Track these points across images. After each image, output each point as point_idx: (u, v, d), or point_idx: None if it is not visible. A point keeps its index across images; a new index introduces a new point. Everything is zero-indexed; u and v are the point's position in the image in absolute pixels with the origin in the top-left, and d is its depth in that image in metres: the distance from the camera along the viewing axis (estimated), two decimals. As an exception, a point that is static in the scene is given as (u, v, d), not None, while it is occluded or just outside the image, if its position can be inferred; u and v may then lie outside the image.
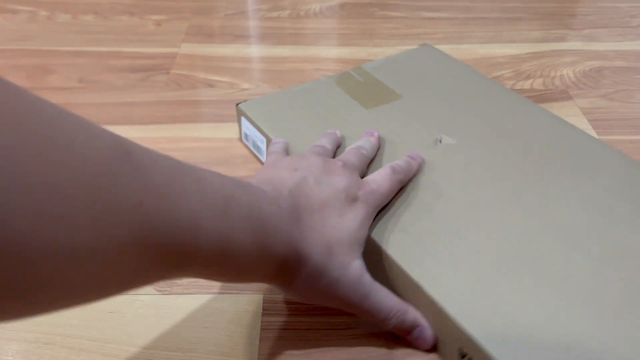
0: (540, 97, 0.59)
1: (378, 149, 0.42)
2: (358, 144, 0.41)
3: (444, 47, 0.67)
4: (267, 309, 0.37)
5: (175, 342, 0.35)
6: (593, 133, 0.53)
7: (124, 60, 0.64)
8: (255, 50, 0.67)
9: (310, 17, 0.75)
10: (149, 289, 0.38)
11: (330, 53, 0.67)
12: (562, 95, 0.59)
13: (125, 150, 0.21)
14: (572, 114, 0.56)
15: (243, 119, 0.49)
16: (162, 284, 0.38)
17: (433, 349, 0.34)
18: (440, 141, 0.42)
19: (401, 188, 0.39)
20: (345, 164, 0.37)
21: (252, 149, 0.49)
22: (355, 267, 0.32)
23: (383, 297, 0.33)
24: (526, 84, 0.61)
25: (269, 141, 0.45)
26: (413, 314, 0.33)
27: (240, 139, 0.51)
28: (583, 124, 0.54)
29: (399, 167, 0.38)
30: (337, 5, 0.78)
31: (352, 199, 0.34)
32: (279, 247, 0.29)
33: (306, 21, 0.74)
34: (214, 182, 0.26)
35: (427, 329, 0.33)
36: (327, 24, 0.74)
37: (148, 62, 0.64)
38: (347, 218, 0.33)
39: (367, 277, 0.33)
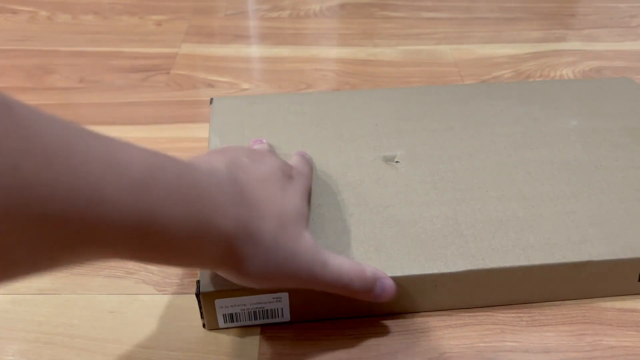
0: (540, 97, 0.59)
1: (352, 186, 0.40)
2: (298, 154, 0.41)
3: (444, 47, 0.68)
4: (267, 309, 0.37)
5: (175, 342, 0.35)
6: (593, 133, 0.53)
7: (124, 61, 0.64)
8: (255, 50, 0.67)
9: (310, 17, 0.75)
10: (149, 288, 0.38)
11: (330, 53, 0.67)
12: (562, 95, 0.59)
13: (5, 103, 0.18)
14: (571, 114, 0.56)
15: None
16: (162, 284, 0.38)
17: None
18: (395, 161, 0.42)
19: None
20: (276, 153, 0.37)
21: None
22: (308, 237, 0.31)
23: (341, 261, 0.31)
24: (526, 84, 0.61)
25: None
26: (370, 268, 0.32)
27: None
28: (583, 124, 0.54)
29: (302, 155, 0.40)
30: (337, 6, 0.79)
31: (288, 177, 0.34)
32: (223, 223, 0.25)
33: (306, 21, 0.74)
34: (129, 151, 0.22)
35: (387, 278, 0.33)
36: (327, 24, 0.74)
37: (148, 62, 0.64)
38: (289, 192, 0.32)
39: (319, 246, 0.31)
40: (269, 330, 0.35)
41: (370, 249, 0.35)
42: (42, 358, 0.34)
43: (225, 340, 0.35)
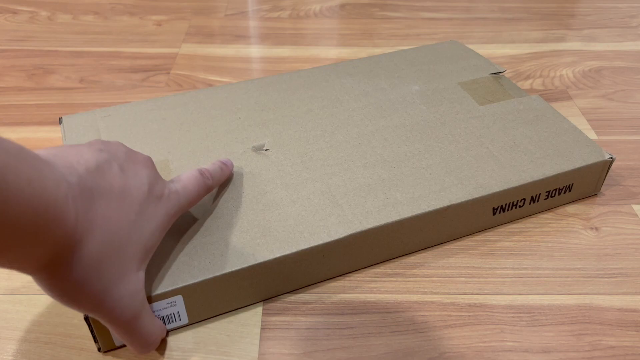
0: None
1: (228, 180, 0.40)
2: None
3: (444, 48, 0.67)
4: (267, 309, 0.37)
5: (176, 342, 0.35)
6: (592, 133, 0.53)
7: (124, 61, 0.64)
8: (255, 51, 0.68)
9: (310, 18, 0.75)
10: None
11: (330, 53, 0.67)
12: (562, 95, 0.59)
13: None
14: (571, 114, 0.56)
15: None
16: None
17: None
18: (265, 149, 0.43)
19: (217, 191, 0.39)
20: (154, 164, 0.33)
21: None
22: (137, 280, 0.30)
23: (152, 320, 0.31)
24: (526, 84, 0.61)
25: None
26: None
27: None
28: (582, 124, 0.54)
29: (207, 172, 0.36)
30: (337, 6, 0.79)
31: (156, 197, 0.31)
32: (58, 229, 0.24)
33: (306, 21, 0.74)
34: None
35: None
36: (327, 24, 0.74)
37: (148, 62, 0.64)
38: (145, 217, 0.30)
39: (143, 294, 0.30)
40: (269, 330, 0.35)
41: (257, 236, 0.36)
42: (42, 358, 0.34)
43: (225, 340, 0.35)
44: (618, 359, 0.34)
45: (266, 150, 0.43)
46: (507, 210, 0.42)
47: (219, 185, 0.39)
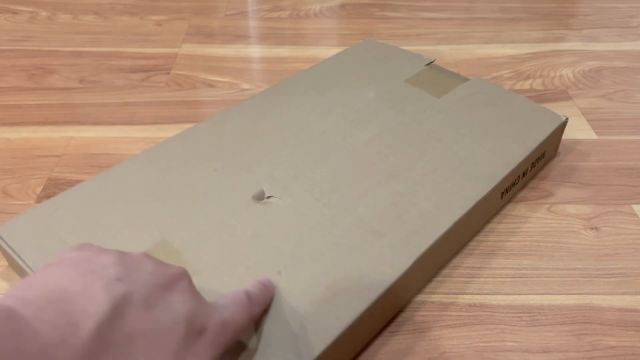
0: (540, 97, 0.59)
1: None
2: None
3: (444, 48, 0.68)
4: (267, 309, 0.37)
5: (176, 342, 0.35)
6: (592, 133, 0.53)
7: (124, 61, 0.64)
8: (255, 51, 0.68)
9: (310, 18, 0.75)
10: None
11: (330, 53, 0.67)
12: (562, 95, 0.59)
13: None
14: (571, 114, 0.56)
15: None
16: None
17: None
18: (267, 197, 0.38)
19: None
20: (191, 280, 0.26)
21: None
22: None
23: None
24: (526, 84, 0.61)
25: None
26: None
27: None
28: (582, 124, 0.54)
29: (255, 296, 0.29)
30: (337, 6, 0.79)
31: (197, 333, 0.24)
32: None
33: (306, 21, 0.74)
34: None
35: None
36: (327, 24, 0.74)
37: (148, 62, 0.64)
38: None
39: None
40: (269, 330, 0.35)
41: (327, 296, 0.31)
42: (42, 358, 0.34)
43: (225, 340, 0.35)
44: (618, 359, 0.34)
45: (269, 197, 0.38)
46: (509, 190, 0.43)
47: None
